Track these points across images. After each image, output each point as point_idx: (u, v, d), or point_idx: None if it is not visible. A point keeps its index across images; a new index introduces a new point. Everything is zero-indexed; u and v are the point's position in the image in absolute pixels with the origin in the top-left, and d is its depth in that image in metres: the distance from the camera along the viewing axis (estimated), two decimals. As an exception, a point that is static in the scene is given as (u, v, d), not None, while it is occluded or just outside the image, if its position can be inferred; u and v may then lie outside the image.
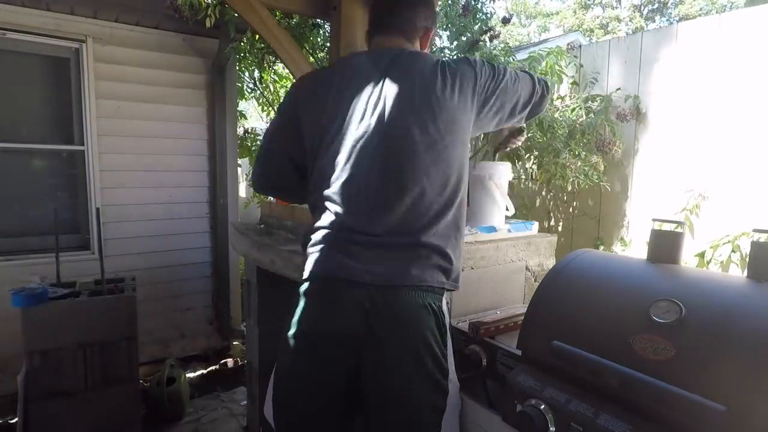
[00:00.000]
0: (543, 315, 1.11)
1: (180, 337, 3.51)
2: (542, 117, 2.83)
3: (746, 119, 2.44)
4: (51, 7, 2.85)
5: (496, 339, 1.31)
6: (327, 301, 1.13)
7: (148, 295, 3.15)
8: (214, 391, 3.17)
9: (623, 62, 3.01)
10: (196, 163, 3.48)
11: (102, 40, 3.05)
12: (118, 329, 2.26)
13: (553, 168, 2.92)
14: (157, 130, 3.26)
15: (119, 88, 3.13)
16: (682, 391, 0.81)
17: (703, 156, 2.61)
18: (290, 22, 3.17)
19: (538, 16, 21.15)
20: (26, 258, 2.88)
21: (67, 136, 3.05)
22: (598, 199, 3.17)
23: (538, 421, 0.97)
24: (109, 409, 2.25)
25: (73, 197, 3.13)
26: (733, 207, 2.48)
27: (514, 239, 1.69)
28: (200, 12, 2.67)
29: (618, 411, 0.90)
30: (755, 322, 0.85)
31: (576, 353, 0.97)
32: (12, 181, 2.95)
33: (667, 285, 1.01)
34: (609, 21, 18.28)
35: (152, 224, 3.33)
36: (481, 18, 3.21)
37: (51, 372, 2.11)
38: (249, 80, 4.34)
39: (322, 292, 1.14)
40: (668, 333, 0.89)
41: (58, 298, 2.18)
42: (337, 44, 2.11)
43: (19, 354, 2.12)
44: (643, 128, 2.92)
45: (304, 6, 2.24)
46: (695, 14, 15.44)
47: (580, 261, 1.18)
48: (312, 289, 1.15)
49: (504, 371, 1.19)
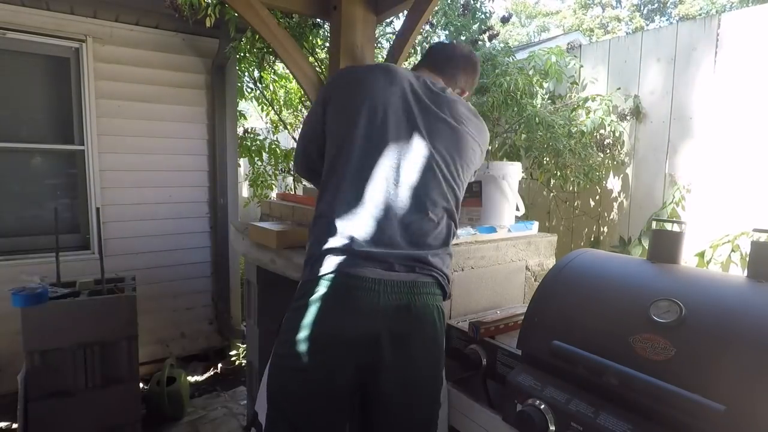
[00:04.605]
0: (543, 315, 1.11)
1: (180, 336, 3.51)
2: (542, 117, 2.83)
3: (746, 119, 2.44)
4: (51, 6, 2.85)
5: (496, 339, 1.31)
6: (346, 300, 1.11)
7: (148, 294, 3.15)
8: (214, 391, 3.17)
9: (620, 63, 3.01)
10: (196, 163, 3.48)
11: (102, 39, 3.04)
12: (118, 329, 2.26)
13: (553, 168, 2.92)
14: (157, 129, 3.25)
15: (119, 87, 3.13)
16: (682, 391, 0.81)
17: (699, 153, 2.62)
18: (290, 22, 3.17)
19: (538, 16, 21.15)
20: (26, 258, 2.87)
21: (67, 136, 3.04)
22: (598, 199, 3.17)
23: (538, 421, 0.97)
24: (109, 408, 2.25)
25: (73, 197, 3.13)
26: (727, 203, 2.48)
27: (514, 239, 1.69)
28: (200, 11, 2.67)
29: (618, 411, 0.90)
30: (755, 322, 0.85)
31: (576, 353, 0.97)
32: (12, 181, 2.95)
33: (667, 285, 1.01)
34: (609, 21, 18.28)
35: (152, 224, 3.33)
36: (480, 17, 3.21)
37: (51, 372, 2.11)
38: (249, 80, 4.34)
39: (339, 290, 1.12)
40: (668, 333, 0.89)
41: (58, 298, 2.18)
42: (337, 44, 2.11)
43: (19, 354, 2.12)
44: (642, 128, 2.92)
45: (304, 6, 2.24)
46: (695, 14, 15.43)
47: (580, 261, 1.18)
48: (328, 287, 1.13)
49: (504, 371, 1.19)
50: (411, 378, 1.13)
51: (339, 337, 1.09)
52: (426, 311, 1.15)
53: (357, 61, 2.12)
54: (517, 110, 2.96)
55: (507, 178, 1.72)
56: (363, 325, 1.09)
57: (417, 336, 1.13)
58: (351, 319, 1.09)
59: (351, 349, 1.10)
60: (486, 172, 1.72)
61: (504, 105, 2.95)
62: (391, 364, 1.11)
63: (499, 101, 2.93)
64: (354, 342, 1.09)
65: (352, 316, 1.09)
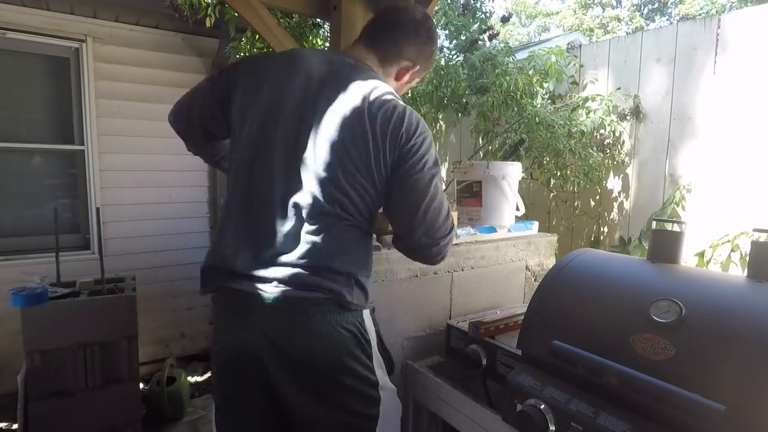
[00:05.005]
0: (543, 315, 1.11)
1: (180, 336, 3.51)
2: (542, 117, 2.83)
3: (746, 119, 2.44)
4: (51, 6, 2.85)
5: (496, 339, 1.31)
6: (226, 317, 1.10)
7: (148, 294, 3.14)
8: (214, 391, 3.17)
9: (620, 63, 3.01)
10: (196, 163, 3.43)
11: (102, 39, 3.05)
12: (118, 329, 2.26)
13: (553, 168, 2.92)
14: (157, 129, 3.25)
15: (119, 87, 3.13)
16: (682, 391, 0.81)
17: (696, 151, 2.62)
18: (290, 22, 3.17)
19: (538, 16, 21.16)
20: (26, 258, 2.87)
21: (67, 136, 3.04)
22: (598, 199, 3.17)
23: (538, 421, 0.97)
24: (109, 408, 2.25)
25: (73, 197, 3.13)
26: (727, 203, 2.48)
27: (514, 239, 1.69)
28: (200, 11, 2.67)
29: (618, 411, 0.90)
30: (755, 321, 0.85)
31: (576, 353, 0.97)
32: (12, 181, 2.95)
33: (667, 285, 1.01)
34: (609, 21, 18.28)
35: (152, 224, 3.33)
36: (480, 17, 3.21)
37: (51, 372, 2.10)
38: (249, 80, 4.33)
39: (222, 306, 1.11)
40: (668, 333, 0.89)
41: (58, 298, 2.18)
42: (337, 44, 2.11)
43: (19, 354, 2.12)
44: (644, 127, 2.92)
45: (304, 6, 2.24)
46: (695, 14, 15.43)
47: (580, 261, 1.18)
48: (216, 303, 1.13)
49: (504, 371, 1.19)
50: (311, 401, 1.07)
51: (228, 358, 1.09)
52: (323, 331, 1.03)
53: (357, 61, 2.12)
54: (517, 110, 2.96)
55: (507, 178, 1.72)
56: (242, 344, 1.06)
57: (309, 362, 1.03)
58: (232, 337, 1.07)
59: (238, 368, 1.08)
60: (486, 172, 1.72)
61: (504, 105, 2.95)
62: (288, 388, 1.06)
63: (499, 101, 2.93)
64: (238, 361, 1.07)
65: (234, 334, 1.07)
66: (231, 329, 1.08)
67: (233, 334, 1.08)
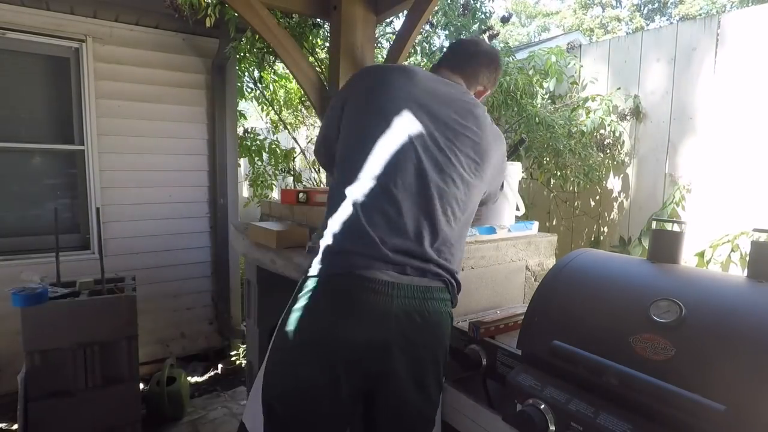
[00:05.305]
0: (543, 315, 1.11)
1: (180, 336, 3.51)
2: (542, 117, 2.83)
3: (746, 119, 2.44)
4: (51, 6, 2.85)
5: (496, 339, 1.31)
6: (346, 304, 1.06)
7: (148, 294, 3.15)
8: (214, 391, 3.17)
9: (620, 63, 3.01)
10: (196, 163, 3.48)
11: (102, 39, 3.04)
12: (118, 329, 2.26)
13: (553, 168, 2.92)
14: (157, 129, 3.25)
15: (119, 87, 3.12)
16: (682, 391, 0.81)
17: (696, 150, 2.62)
18: (290, 22, 3.17)
19: (538, 16, 21.15)
20: (26, 258, 2.87)
21: (67, 136, 3.04)
22: (598, 199, 3.17)
23: (538, 421, 0.97)
24: (109, 409, 2.25)
25: (73, 197, 3.13)
26: (727, 203, 2.48)
27: (514, 239, 1.69)
28: (200, 11, 2.67)
29: (618, 411, 0.90)
30: (755, 321, 0.85)
31: (576, 353, 0.97)
32: (12, 181, 2.95)
33: (667, 285, 1.01)
34: (609, 21, 18.28)
35: (152, 224, 3.33)
36: (480, 17, 3.21)
37: (51, 372, 2.11)
38: (249, 80, 4.34)
39: (338, 292, 1.08)
40: (668, 333, 0.89)
41: (57, 298, 2.18)
42: (337, 44, 2.11)
43: (19, 354, 2.12)
44: (643, 127, 2.92)
45: (304, 6, 2.24)
46: (695, 14, 15.43)
47: (580, 261, 1.18)
48: (324, 289, 1.08)
49: (504, 371, 1.19)
50: (420, 383, 1.13)
51: (346, 342, 1.05)
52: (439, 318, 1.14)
53: (357, 61, 2.12)
54: (517, 110, 2.96)
55: (507, 178, 1.71)
56: (372, 331, 1.05)
57: (429, 344, 1.12)
58: (358, 324, 1.05)
59: (358, 355, 1.06)
60: None
61: (504, 105, 2.95)
62: (404, 373, 1.09)
63: (499, 101, 2.93)
64: (363, 348, 1.06)
65: (361, 321, 1.05)
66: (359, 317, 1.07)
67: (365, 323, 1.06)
